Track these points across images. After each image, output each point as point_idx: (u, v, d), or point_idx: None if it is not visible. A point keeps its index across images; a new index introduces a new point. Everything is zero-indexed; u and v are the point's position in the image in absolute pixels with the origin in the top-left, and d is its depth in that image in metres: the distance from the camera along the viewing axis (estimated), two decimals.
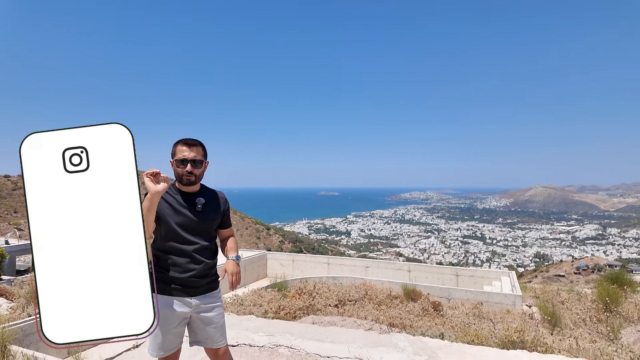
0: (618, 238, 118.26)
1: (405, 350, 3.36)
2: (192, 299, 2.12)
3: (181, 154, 2.10)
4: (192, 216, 2.13)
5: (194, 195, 2.19)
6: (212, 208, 2.22)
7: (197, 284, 2.13)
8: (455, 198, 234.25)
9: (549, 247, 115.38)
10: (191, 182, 2.13)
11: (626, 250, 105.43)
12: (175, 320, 2.10)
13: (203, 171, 2.18)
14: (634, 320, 7.07)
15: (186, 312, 2.11)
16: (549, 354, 3.54)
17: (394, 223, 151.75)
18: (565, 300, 8.76)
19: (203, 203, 2.18)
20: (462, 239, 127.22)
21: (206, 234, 2.18)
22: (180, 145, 2.13)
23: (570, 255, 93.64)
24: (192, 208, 2.14)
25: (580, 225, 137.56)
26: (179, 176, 2.14)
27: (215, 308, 2.21)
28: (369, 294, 7.59)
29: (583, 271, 56.76)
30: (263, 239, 62.86)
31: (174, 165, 2.14)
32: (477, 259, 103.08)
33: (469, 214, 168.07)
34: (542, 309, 7.44)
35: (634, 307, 7.63)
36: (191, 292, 2.12)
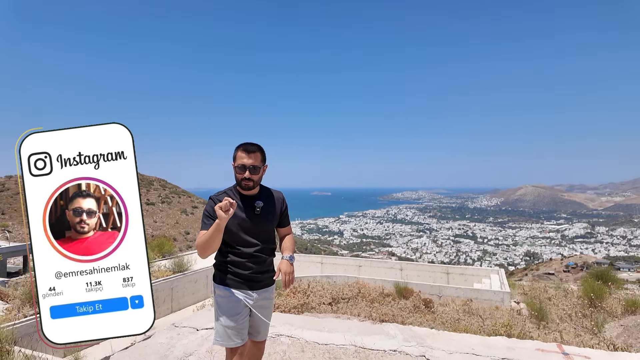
0: (606, 236, 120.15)
1: (396, 338, 3.64)
2: (253, 292, 2.29)
3: (240, 161, 2.23)
4: (251, 219, 2.26)
5: (252, 198, 2.32)
6: (270, 210, 2.34)
7: (257, 279, 2.30)
8: (446, 198, 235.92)
9: (539, 245, 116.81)
10: (249, 187, 2.26)
11: (614, 248, 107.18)
12: (241, 310, 2.28)
13: (261, 175, 2.32)
14: (618, 315, 7.32)
15: (249, 303, 2.29)
16: (526, 339, 3.81)
17: (387, 223, 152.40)
18: (552, 297, 9.01)
19: (261, 206, 2.30)
20: (453, 238, 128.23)
21: (264, 234, 2.33)
22: (240, 151, 2.25)
23: (560, 254, 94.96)
24: (251, 211, 2.28)
25: (570, 224, 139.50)
26: (239, 181, 2.27)
27: (269, 302, 2.41)
28: (362, 292, 7.74)
29: (572, 269, 57.65)
30: None
31: (235, 170, 2.27)
32: (468, 257, 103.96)
33: (461, 214, 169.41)
34: (529, 305, 7.66)
35: (618, 302, 7.90)
36: (252, 287, 2.29)
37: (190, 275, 9.14)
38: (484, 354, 3.34)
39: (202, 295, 9.34)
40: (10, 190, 44.91)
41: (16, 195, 43.72)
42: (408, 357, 3.22)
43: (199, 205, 62.32)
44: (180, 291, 8.63)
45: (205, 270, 9.76)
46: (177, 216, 55.44)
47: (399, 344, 3.49)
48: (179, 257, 9.91)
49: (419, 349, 3.37)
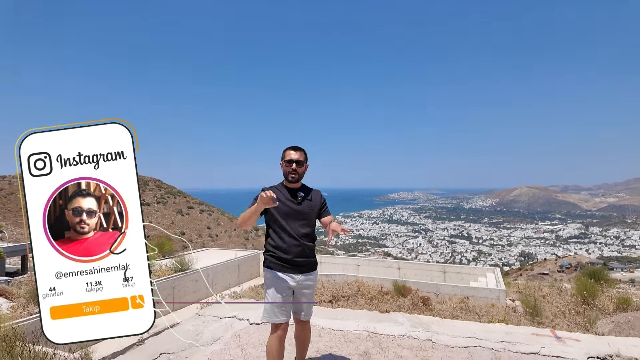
0: (600, 237, 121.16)
1: (404, 324, 3.94)
2: (295, 275, 2.65)
3: (288, 156, 2.71)
4: (293, 207, 2.68)
5: (296, 190, 2.76)
6: (310, 201, 2.77)
7: (299, 264, 2.66)
8: (442, 198, 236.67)
9: (533, 246, 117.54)
10: (295, 179, 2.72)
11: (607, 249, 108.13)
12: (285, 291, 2.63)
13: (304, 171, 2.78)
14: (610, 312, 7.53)
15: (292, 285, 2.64)
16: (522, 326, 4.09)
17: (382, 223, 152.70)
18: (547, 295, 9.20)
19: (302, 196, 2.73)
20: (449, 238, 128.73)
21: (305, 222, 2.72)
22: (289, 150, 2.74)
23: (554, 254, 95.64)
24: (294, 200, 2.70)
25: (564, 224, 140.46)
26: (286, 174, 2.73)
27: (311, 286, 2.76)
28: (361, 290, 7.88)
29: (566, 269, 58.22)
30: (251, 240, 62.61)
31: (282, 166, 2.75)
32: (463, 258, 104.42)
33: (456, 214, 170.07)
34: (524, 303, 7.84)
35: (610, 300, 8.11)
36: (296, 270, 2.65)
37: (191, 274, 9.23)
38: (484, 337, 3.61)
39: (202, 294, 9.43)
40: (4, 190, 44.59)
41: (10, 195, 43.37)
42: (416, 341, 3.51)
43: (195, 206, 62.18)
44: (182, 290, 8.73)
45: (206, 269, 9.85)
46: (172, 217, 55.36)
47: (407, 329, 3.79)
48: (179, 257, 10.01)
49: (426, 333, 3.67)
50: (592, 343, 3.60)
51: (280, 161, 2.76)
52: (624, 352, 3.22)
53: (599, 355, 3.16)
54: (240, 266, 11.37)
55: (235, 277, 11.04)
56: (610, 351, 3.23)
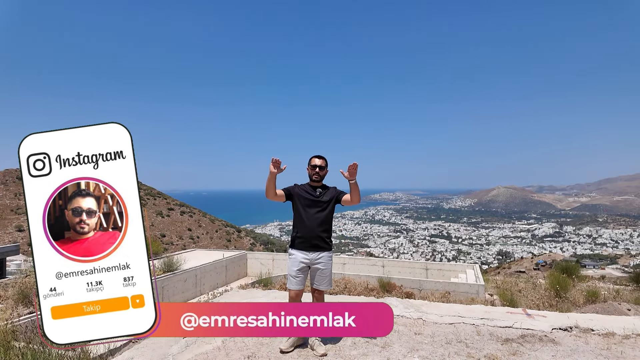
0: (573, 235, 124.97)
1: (398, 307, 4.46)
2: (311, 254, 3.36)
3: (313, 162, 3.48)
4: (312, 198, 3.44)
5: (316, 187, 3.51)
6: (326, 194, 3.50)
7: (315, 244, 3.37)
8: (422, 199, 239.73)
9: (510, 244, 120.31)
10: (317, 180, 3.50)
11: (580, 247, 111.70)
12: (298, 265, 3.35)
13: (325, 174, 3.54)
14: (580, 304, 8.04)
15: (306, 261, 3.36)
16: (498, 307, 4.67)
17: (365, 223, 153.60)
18: (522, 289, 9.70)
19: (320, 192, 3.49)
20: (429, 238, 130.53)
21: (320, 209, 3.43)
22: (314, 158, 3.51)
23: (530, 252, 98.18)
24: (313, 194, 3.46)
25: (539, 223, 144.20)
26: (310, 176, 3.50)
27: (325, 263, 3.41)
28: (347, 287, 8.16)
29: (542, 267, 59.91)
30: (234, 242, 62.14)
31: (308, 170, 3.50)
32: (443, 257, 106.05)
33: (436, 214, 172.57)
34: (502, 297, 8.27)
35: (580, 293, 8.64)
36: (311, 249, 3.37)
37: (179, 274, 9.31)
38: (467, 315, 4.23)
39: (191, 294, 9.52)
40: None
41: None
42: (409, 320, 4.06)
43: (175, 208, 61.30)
44: (170, 290, 8.82)
45: (194, 269, 9.93)
46: (152, 218, 54.43)
47: (400, 310, 4.32)
48: (168, 257, 10.06)
49: (417, 313, 4.24)
50: (556, 318, 4.28)
51: (307, 166, 3.51)
52: (582, 324, 3.89)
53: (561, 327, 3.82)
54: (228, 266, 11.48)
55: (222, 277, 11.15)
56: (570, 323, 3.91)
